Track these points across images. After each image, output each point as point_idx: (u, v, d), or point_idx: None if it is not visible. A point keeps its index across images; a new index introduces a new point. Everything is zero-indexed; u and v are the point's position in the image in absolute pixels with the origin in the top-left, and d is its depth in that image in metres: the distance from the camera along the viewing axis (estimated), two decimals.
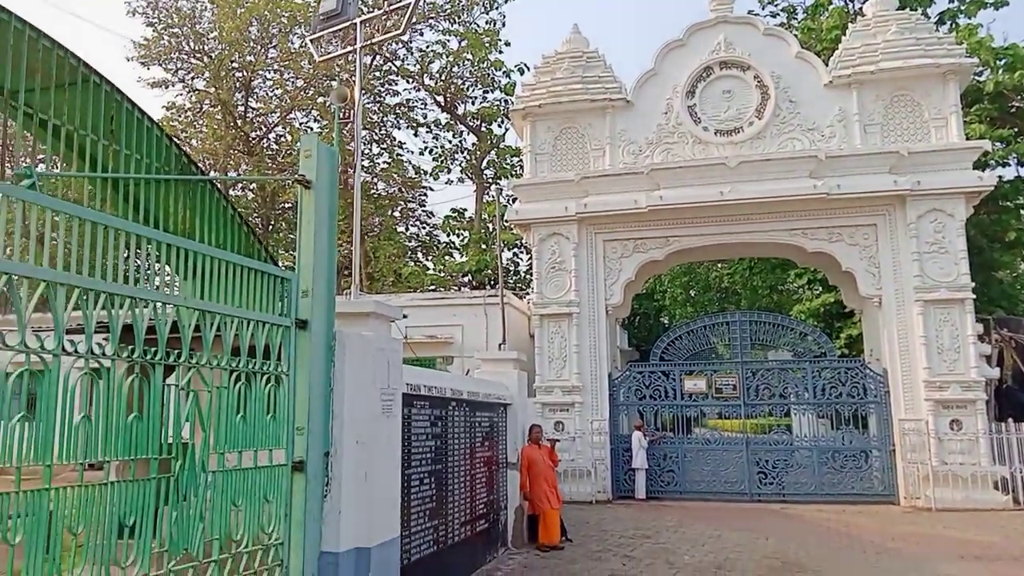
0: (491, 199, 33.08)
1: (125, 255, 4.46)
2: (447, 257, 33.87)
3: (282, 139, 34.50)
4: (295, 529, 5.52)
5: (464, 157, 34.23)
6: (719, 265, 33.33)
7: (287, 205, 32.61)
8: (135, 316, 4.36)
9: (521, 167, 32.94)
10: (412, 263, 33.31)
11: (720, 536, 11.38)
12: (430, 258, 34.49)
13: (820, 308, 24.55)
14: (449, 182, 41.05)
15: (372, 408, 6.35)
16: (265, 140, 34.34)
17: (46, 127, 4.13)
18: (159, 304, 4.53)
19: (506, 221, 19.03)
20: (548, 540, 10.37)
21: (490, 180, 33.69)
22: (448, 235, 34.27)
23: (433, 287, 29.96)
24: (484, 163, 33.71)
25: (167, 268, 4.62)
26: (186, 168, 5.04)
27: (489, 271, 29.48)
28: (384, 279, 31.04)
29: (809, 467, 15.64)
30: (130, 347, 4.29)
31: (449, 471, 8.27)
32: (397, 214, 34.96)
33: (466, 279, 30.96)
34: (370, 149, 33.46)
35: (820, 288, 25.31)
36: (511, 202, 23.68)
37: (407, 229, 35.11)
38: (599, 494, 15.71)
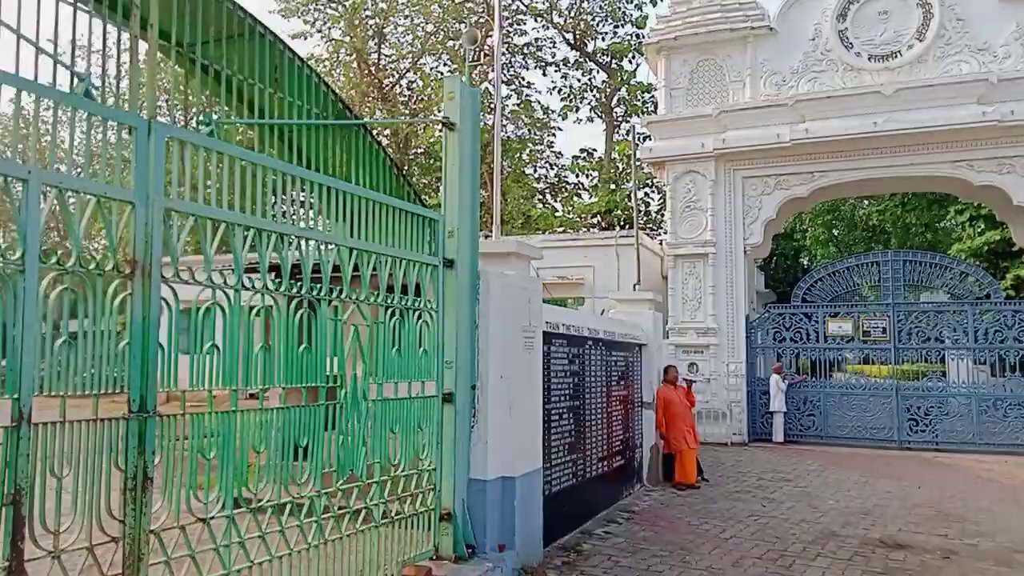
0: (621, 138, 32.39)
1: (290, 198, 4.75)
2: (575, 198, 33.66)
3: (413, 84, 35.12)
4: (446, 456, 5.82)
5: (593, 96, 33.60)
6: (866, 202, 31.26)
7: (419, 150, 33.37)
8: (302, 255, 4.66)
9: (653, 104, 32.00)
10: (540, 205, 33.37)
11: (867, 482, 10.96)
12: (558, 199, 34.41)
13: (983, 247, 22.57)
14: (578, 121, 40.53)
15: (514, 344, 6.51)
16: (397, 87, 35.09)
17: (218, 78, 4.41)
18: (323, 244, 4.80)
19: (638, 160, 18.60)
20: (684, 479, 10.38)
21: (620, 118, 32.97)
22: (577, 176, 34.00)
23: (561, 228, 29.96)
24: (614, 101, 32.95)
25: (319, 209, 4.87)
26: (341, 114, 5.25)
27: (619, 212, 29.10)
28: (513, 221, 31.33)
29: (966, 415, 14.65)
30: (298, 284, 4.60)
31: (586, 408, 8.39)
32: (525, 156, 34.98)
33: (595, 220, 30.72)
34: (499, 91, 33.45)
35: (983, 225, 23.22)
36: (643, 140, 23.07)
37: (535, 171, 35.09)
38: (734, 436, 15.48)
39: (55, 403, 3.28)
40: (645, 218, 30.70)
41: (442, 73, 33.71)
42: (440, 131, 6.30)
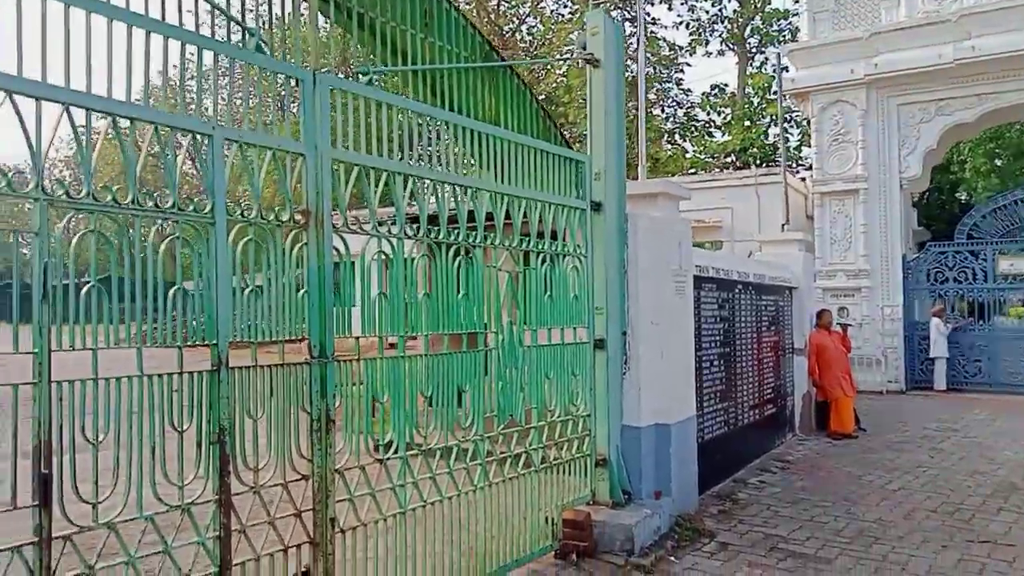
0: (756, 70, 30.63)
1: (444, 145, 4.73)
2: (707, 137, 32.26)
3: (534, 29, 34.54)
4: (599, 402, 5.77)
5: (724, 27, 31.80)
6: None
7: (540, 97, 32.92)
8: (457, 203, 4.65)
9: (791, 31, 29.92)
10: (669, 146, 32.27)
11: None
12: (688, 140, 33.12)
13: None
14: (708, 55, 38.58)
15: (665, 289, 6.31)
16: (518, 32, 34.62)
17: (373, 30, 4.41)
18: (475, 190, 4.77)
19: (775, 92, 17.47)
20: (840, 428, 9.88)
21: (754, 49, 31.10)
22: (708, 113, 32.49)
23: (692, 170, 28.88)
24: (747, 31, 31.07)
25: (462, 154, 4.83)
26: (489, 56, 5.15)
27: (755, 150, 27.67)
28: (639, 164, 30.47)
29: None
30: (455, 231, 4.61)
31: (736, 354, 8.09)
32: (652, 96, 33.76)
33: (728, 160, 29.38)
34: (623, 29, 32.33)
35: None
36: (781, 71, 21.63)
37: (663, 111, 33.87)
38: (890, 384, 14.59)
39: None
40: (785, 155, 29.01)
41: (562, 16, 32.92)
42: (579, 69, 6.08)
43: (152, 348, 3.03)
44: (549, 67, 28.88)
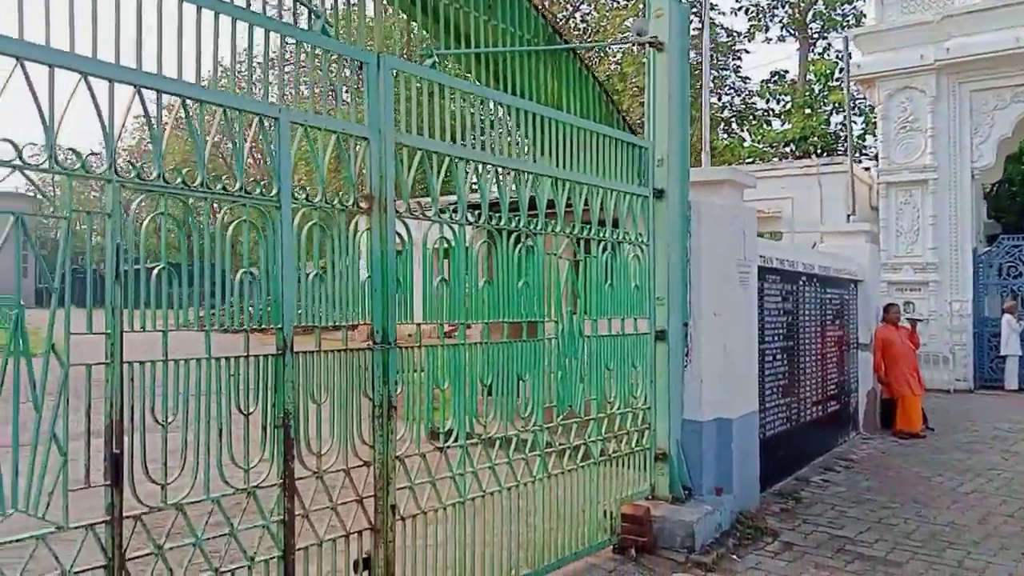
0: (818, 56, 29.78)
1: (505, 130, 4.65)
2: (765, 126, 31.49)
3: (588, 17, 34.13)
4: (660, 395, 5.64)
5: (785, 12, 30.93)
6: None
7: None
8: (518, 188, 4.57)
9: (855, 16, 28.95)
10: (725, 135, 31.60)
11: None
12: (745, 129, 32.38)
13: None
14: (767, 41, 37.65)
15: (729, 279, 6.13)
16: (571, 20, 34.26)
17: (436, 15, 4.35)
18: (536, 176, 4.68)
19: (838, 79, 16.90)
20: (907, 427, 9.53)
21: (816, 35, 30.19)
22: (767, 101, 31.70)
23: (750, 159, 28.22)
24: (809, 16, 30.17)
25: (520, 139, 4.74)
26: (552, 38, 5.05)
27: (816, 138, 26.90)
28: (695, 155, 29.93)
29: None
30: (516, 218, 4.53)
31: (800, 349, 7.84)
32: (709, 83, 33.07)
33: (788, 149, 28.63)
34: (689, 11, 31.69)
35: None
36: (847, 57, 20.93)
37: (720, 99, 33.16)
38: (958, 382, 14.03)
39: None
40: (846, 144, 28.15)
41: (617, 2, 32.44)
42: (635, 55, 5.92)
43: (218, 332, 3.03)
44: (603, 54, 28.47)
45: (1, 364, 2.41)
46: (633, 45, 6.03)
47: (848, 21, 28.75)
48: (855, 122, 28.50)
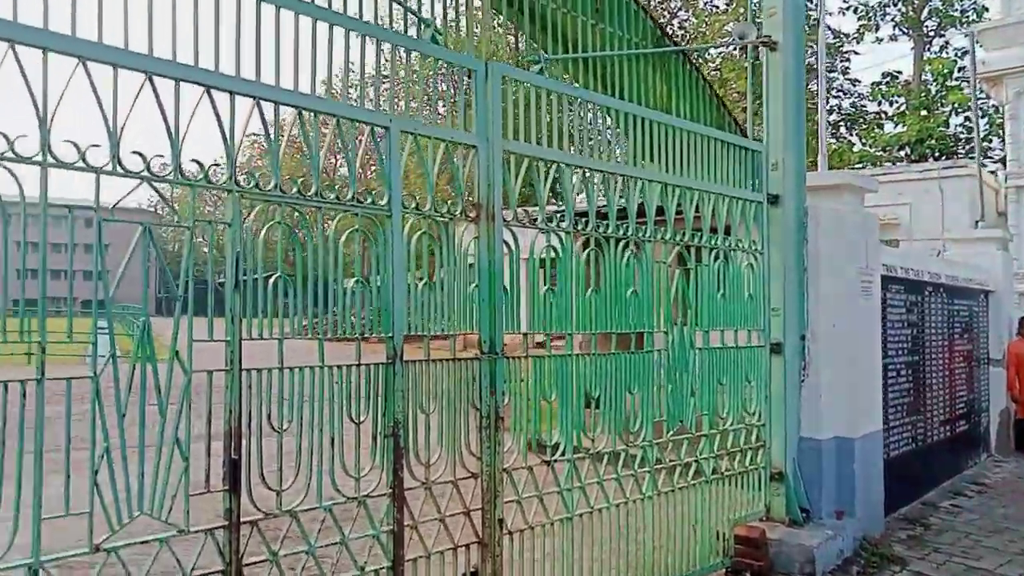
0: (934, 55, 28.12)
1: (613, 135, 4.52)
2: (876, 130, 29.95)
3: (686, 23, 33.52)
4: (774, 411, 5.35)
5: (897, 10, 29.38)
6: None
7: None
8: (628, 195, 4.43)
9: (974, 11, 27.18)
10: (834, 140, 30.23)
11: None
12: (855, 133, 30.90)
13: None
14: (878, 41, 35.93)
15: (849, 289, 5.76)
16: (668, 26, 33.71)
17: (544, 23, 4.28)
18: (646, 182, 4.54)
19: (958, 78, 15.85)
20: None
21: (932, 32, 28.52)
22: (878, 104, 30.14)
23: (860, 164, 26.87)
24: (924, 12, 28.54)
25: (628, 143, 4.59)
26: (660, 41, 4.89)
27: (932, 141, 25.34)
28: (810, 157, 28.76)
29: None
30: (624, 225, 4.39)
31: (926, 364, 7.30)
32: (813, 86, 31.81)
33: (902, 152, 27.10)
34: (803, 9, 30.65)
35: None
36: (964, 55, 19.65)
37: (827, 102, 31.78)
38: None
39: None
40: (967, 147, 26.41)
41: (716, 8, 31.68)
42: (736, 60, 5.68)
43: (329, 340, 3.05)
44: (703, 60, 27.83)
45: (129, 370, 2.48)
46: (738, 48, 5.79)
47: (968, 16, 27.03)
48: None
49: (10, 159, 2.30)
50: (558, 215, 4.05)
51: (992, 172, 18.63)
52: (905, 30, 29.56)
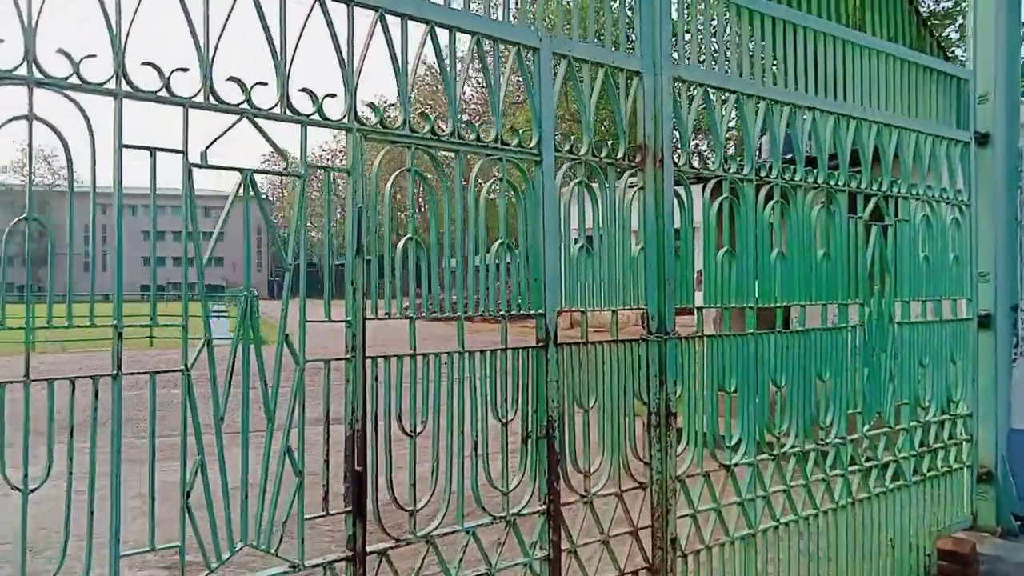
0: None
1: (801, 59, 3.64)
2: None
3: None
4: (983, 398, 4.40)
5: None
6: None
7: None
8: (816, 133, 3.57)
9: None
10: None
11: None
12: None
13: None
14: None
15: None
16: None
17: None
18: (843, 118, 3.66)
19: None
20: None
21: None
22: None
23: None
24: None
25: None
26: None
27: None
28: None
29: None
30: (812, 171, 3.55)
31: None
32: None
33: None
34: None
35: None
36: None
37: None
38: None
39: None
40: None
41: None
42: None
43: (472, 319, 2.41)
44: None
45: (228, 360, 1.92)
46: None
47: None
48: None
49: (75, 86, 1.74)
50: (738, 160, 3.24)
51: None
52: None
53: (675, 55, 3.02)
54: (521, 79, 2.64)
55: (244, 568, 2.05)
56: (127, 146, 1.76)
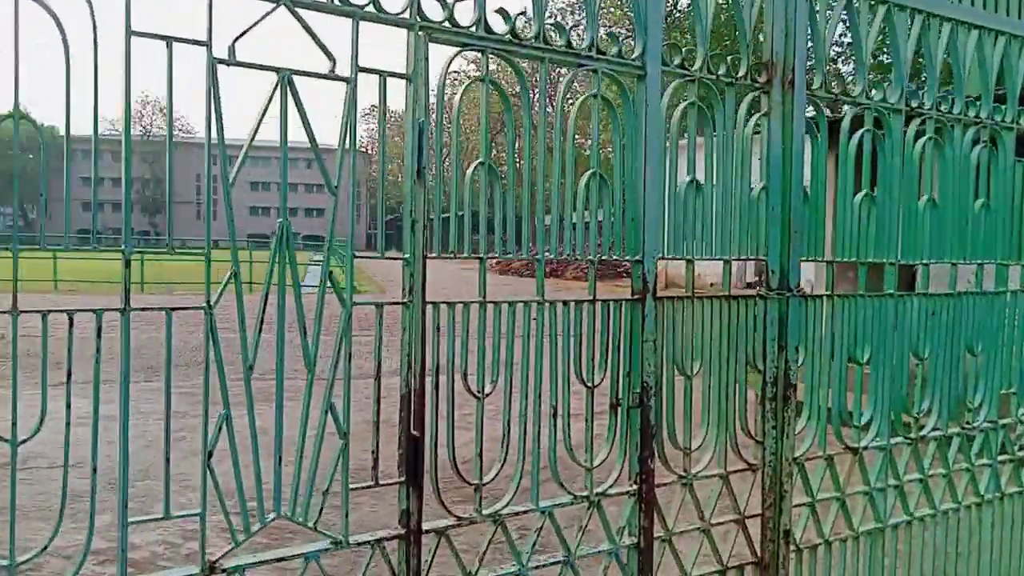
0: None
1: None
2: None
3: None
4: None
5: None
6: None
7: None
8: (982, 55, 2.94)
9: None
10: None
11: None
12: None
13: None
14: None
15: None
16: None
17: None
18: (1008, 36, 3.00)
19: None
20: None
21: None
22: None
23: None
24: None
25: None
26: None
27: None
28: None
29: None
30: (974, 104, 2.93)
31: None
32: None
33: None
34: None
35: None
36: None
37: None
38: None
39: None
40: None
41: None
42: None
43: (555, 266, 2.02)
44: None
45: (260, 301, 1.62)
46: None
47: None
48: None
49: None
50: (884, 86, 2.69)
51: None
52: None
53: None
54: None
55: (280, 540, 1.77)
56: (137, 33, 1.45)
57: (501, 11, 1.90)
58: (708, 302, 2.31)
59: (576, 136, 2.12)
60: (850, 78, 2.68)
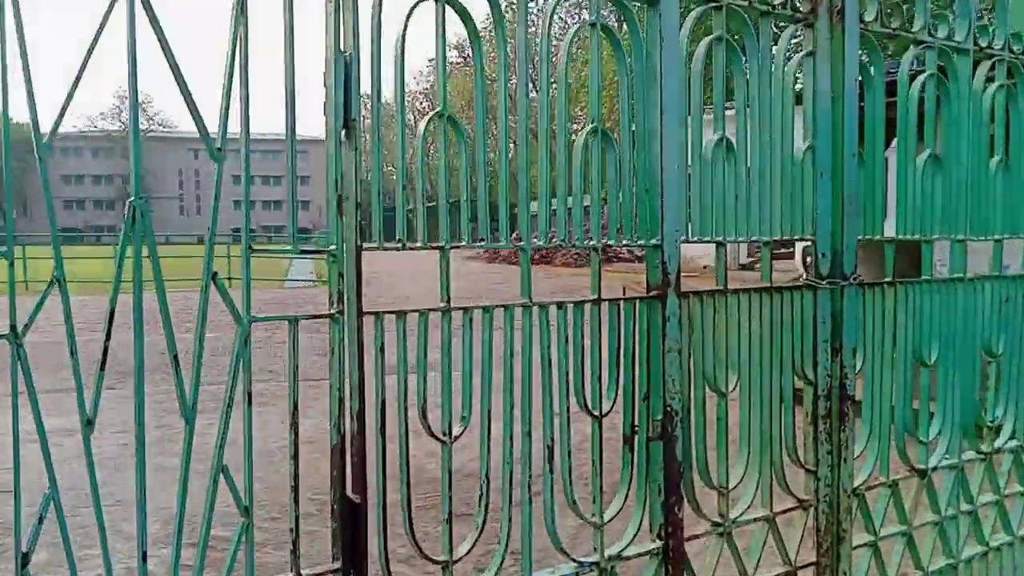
0: None
1: None
2: None
3: None
4: None
5: None
6: None
7: None
8: None
9: None
10: None
11: None
12: None
13: None
14: None
15: None
16: None
17: None
18: None
19: None
20: None
21: None
22: None
23: None
24: None
25: None
26: None
27: None
28: None
29: None
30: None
31: None
32: None
33: None
34: None
35: None
36: None
37: None
38: None
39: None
40: None
41: None
42: None
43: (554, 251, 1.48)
44: None
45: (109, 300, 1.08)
46: None
47: None
48: None
49: None
50: (949, 19, 2.16)
51: None
52: None
53: None
54: None
55: None
56: None
57: None
58: (744, 297, 1.79)
59: (569, 82, 1.58)
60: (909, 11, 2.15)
